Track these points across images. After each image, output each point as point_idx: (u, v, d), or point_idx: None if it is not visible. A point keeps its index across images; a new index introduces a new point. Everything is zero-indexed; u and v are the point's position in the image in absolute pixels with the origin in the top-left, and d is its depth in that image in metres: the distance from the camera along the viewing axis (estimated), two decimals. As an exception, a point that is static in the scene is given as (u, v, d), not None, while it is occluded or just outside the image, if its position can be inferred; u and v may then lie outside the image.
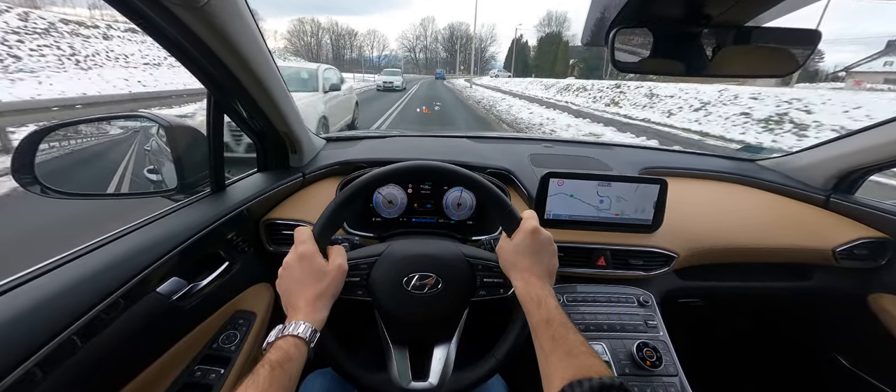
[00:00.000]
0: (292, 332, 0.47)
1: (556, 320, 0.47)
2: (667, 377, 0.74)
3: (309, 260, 0.53)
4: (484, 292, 0.61)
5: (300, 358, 0.46)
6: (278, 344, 0.46)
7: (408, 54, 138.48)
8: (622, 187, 0.86)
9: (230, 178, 0.85)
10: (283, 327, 0.48)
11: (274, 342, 0.46)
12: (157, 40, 0.53)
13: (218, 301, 0.74)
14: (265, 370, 0.42)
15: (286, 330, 0.47)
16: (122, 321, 0.53)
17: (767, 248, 0.92)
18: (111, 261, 0.55)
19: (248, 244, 0.80)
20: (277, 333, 0.47)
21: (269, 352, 0.45)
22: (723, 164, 1.23)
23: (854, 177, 1.01)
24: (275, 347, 0.45)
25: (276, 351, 0.45)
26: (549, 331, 0.46)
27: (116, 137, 1.08)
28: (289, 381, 0.43)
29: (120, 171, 0.99)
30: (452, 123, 10.03)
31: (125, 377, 0.55)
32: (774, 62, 0.66)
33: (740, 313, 1.22)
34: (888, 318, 0.91)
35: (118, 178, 0.99)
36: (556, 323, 0.47)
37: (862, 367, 1.03)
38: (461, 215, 0.99)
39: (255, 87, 0.68)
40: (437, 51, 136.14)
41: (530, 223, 0.57)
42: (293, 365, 0.45)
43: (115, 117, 1.01)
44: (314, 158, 1.02)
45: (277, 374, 0.42)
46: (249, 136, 0.86)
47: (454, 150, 1.13)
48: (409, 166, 0.62)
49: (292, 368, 0.44)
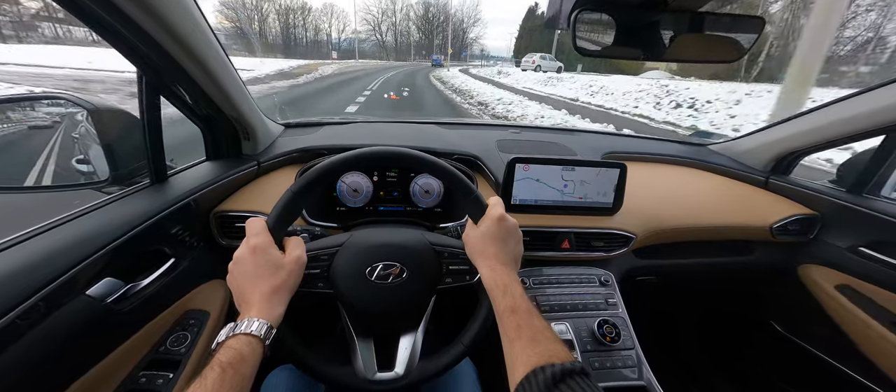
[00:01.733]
0: (245, 331, 0.44)
1: (521, 308, 0.47)
2: (625, 351, 0.78)
3: (263, 252, 0.50)
4: (450, 280, 0.60)
5: (254, 357, 0.43)
6: (229, 343, 0.42)
7: (373, 36, 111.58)
8: (585, 172, 0.88)
9: (174, 168, 0.78)
10: (234, 325, 0.45)
11: (224, 342, 0.43)
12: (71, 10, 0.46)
13: (164, 301, 0.68)
14: (214, 373, 0.39)
15: (238, 328, 0.44)
16: (45, 328, 0.47)
17: (714, 226, 0.98)
18: (29, 261, 0.48)
19: (196, 239, 0.74)
20: (228, 332, 0.44)
21: (218, 352, 0.41)
22: (677, 149, 1.30)
23: (789, 159, 1.10)
24: (225, 347, 0.42)
25: (227, 351, 0.41)
26: (515, 318, 0.46)
27: (38, 122, 0.95)
28: (242, 382, 0.40)
29: (41, 162, 0.88)
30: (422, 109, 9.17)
31: (53, 389, 0.49)
32: (724, 48, 0.69)
33: (690, 288, 1.31)
34: (814, 287, 1.02)
35: (38, 169, 0.88)
36: (521, 310, 0.47)
37: (793, 331, 1.14)
38: (429, 203, 0.97)
39: (193, 67, 0.61)
40: (410, 32, 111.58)
41: (496, 210, 0.57)
42: (246, 365, 0.42)
43: (30, 98, 0.88)
44: (271, 146, 0.96)
45: (229, 376, 0.39)
46: (194, 122, 0.79)
47: (420, 136, 1.11)
48: (372, 152, 0.59)
49: (246, 369, 0.41)
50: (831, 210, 0.99)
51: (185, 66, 0.59)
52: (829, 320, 0.99)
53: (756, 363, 1.28)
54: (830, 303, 0.98)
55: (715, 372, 1.34)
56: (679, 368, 1.38)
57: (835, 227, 0.99)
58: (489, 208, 0.58)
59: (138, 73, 0.59)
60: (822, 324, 1.00)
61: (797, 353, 1.11)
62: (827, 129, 0.95)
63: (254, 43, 77.03)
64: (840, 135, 0.93)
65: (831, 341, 1.00)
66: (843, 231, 0.97)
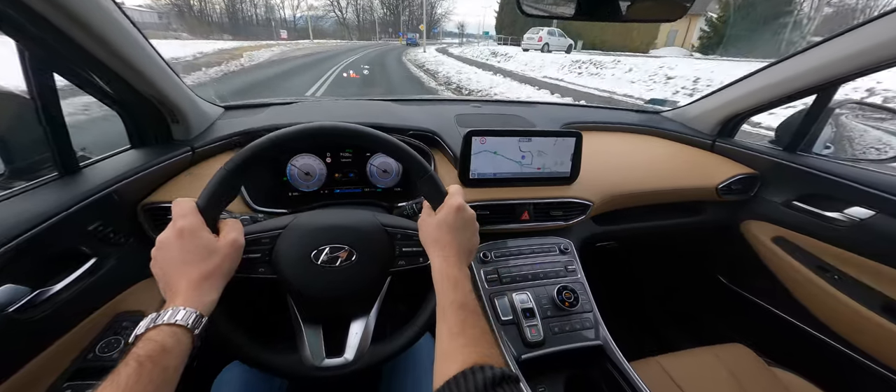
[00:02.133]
0: (168, 321, 0.40)
1: (469, 305, 0.46)
2: (583, 314, 0.81)
3: (191, 235, 0.46)
4: (403, 262, 0.58)
5: (180, 349, 0.39)
6: (149, 335, 0.38)
7: (331, 11, 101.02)
8: (542, 142, 0.87)
9: (89, 158, 0.69)
10: (156, 316, 0.40)
11: (144, 334, 0.39)
12: None
13: (89, 305, 0.61)
14: (129, 368, 0.35)
15: (160, 318, 0.40)
16: None
17: (666, 189, 1.02)
18: None
19: (123, 235, 0.67)
20: (149, 323, 0.40)
21: (136, 345, 0.37)
22: (632, 117, 1.33)
23: (733, 122, 1.16)
24: (144, 339, 0.38)
25: (146, 343, 0.37)
26: (462, 313, 0.45)
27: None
28: (165, 374, 0.37)
29: None
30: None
31: None
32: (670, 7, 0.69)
33: (646, 250, 1.38)
34: (754, 241, 1.09)
35: None
36: (469, 307, 0.46)
37: (737, 283, 1.24)
38: (388, 183, 0.94)
39: (87, 39, 0.52)
40: (373, 7, 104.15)
41: (456, 200, 0.55)
42: (171, 357, 0.38)
43: None
44: (208, 130, 0.88)
45: (147, 370, 0.35)
46: (109, 106, 0.70)
47: (375, 112, 1.06)
48: (318, 128, 0.54)
49: (170, 361, 0.38)
50: (769, 168, 1.05)
51: (76, 38, 0.51)
52: (766, 271, 1.07)
53: (707, 315, 1.38)
54: (767, 254, 1.06)
55: (670, 326, 1.44)
56: (637, 325, 1.46)
57: (772, 184, 1.05)
58: (449, 196, 0.56)
59: (19, 48, 0.50)
60: (762, 274, 1.09)
61: (742, 303, 1.20)
62: (763, 92, 1.00)
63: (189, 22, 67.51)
64: (775, 96, 0.98)
65: (770, 290, 1.09)
66: (779, 187, 1.04)
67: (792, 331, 1.05)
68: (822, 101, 0.92)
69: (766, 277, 1.08)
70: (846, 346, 0.93)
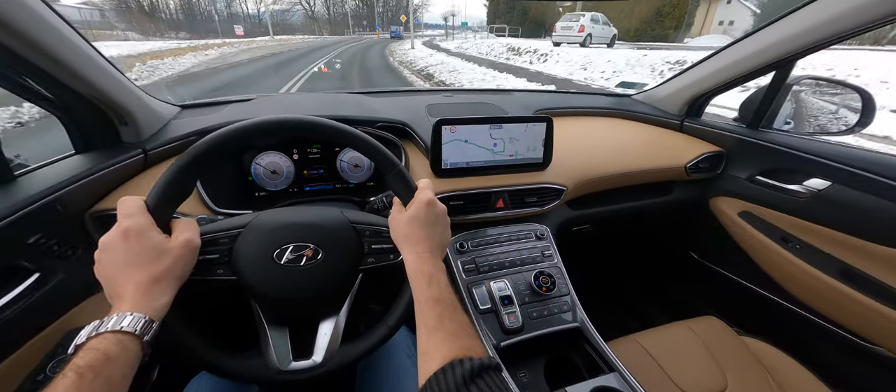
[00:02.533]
0: (112, 328, 0.37)
1: (445, 299, 0.46)
2: (561, 297, 0.81)
3: (138, 236, 0.42)
4: (372, 260, 0.56)
5: (127, 356, 0.37)
6: (91, 345, 0.35)
7: (297, 5, 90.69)
8: (513, 128, 0.87)
9: (26, 166, 0.64)
10: (99, 323, 0.37)
11: (85, 343, 0.36)
12: None
13: (35, 323, 0.57)
14: (67, 380, 0.32)
15: (104, 326, 0.37)
16: None
17: (637, 171, 1.04)
18: None
19: (70, 247, 0.62)
20: (91, 331, 0.37)
21: (76, 356, 0.35)
22: (603, 101, 1.34)
23: (700, 102, 1.18)
24: (86, 350, 0.35)
25: (88, 353, 0.35)
26: (438, 308, 0.45)
27: None
28: (109, 385, 0.34)
29: None
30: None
31: None
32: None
33: (621, 231, 1.41)
34: (722, 216, 1.13)
35: None
36: (445, 302, 0.45)
37: (707, 257, 1.28)
38: (360, 177, 0.91)
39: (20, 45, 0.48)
40: (344, 1, 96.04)
41: (426, 194, 0.54)
42: (114, 366, 0.35)
43: None
44: (162, 130, 0.83)
45: (89, 381, 0.32)
46: (44, 108, 0.64)
47: (344, 105, 1.02)
48: (280, 121, 0.51)
49: (113, 370, 0.35)
50: (734, 145, 1.08)
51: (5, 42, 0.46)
52: (734, 244, 1.11)
53: (682, 291, 1.42)
54: (735, 229, 1.09)
55: (647, 304, 1.48)
56: (615, 305, 1.50)
57: (737, 161, 1.09)
58: (419, 191, 0.55)
59: None
60: (730, 248, 1.12)
61: (713, 277, 1.25)
62: (726, 71, 1.03)
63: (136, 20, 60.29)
64: (736, 74, 1.00)
65: (738, 263, 1.13)
66: (743, 163, 1.07)
67: (760, 301, 1.10)
68: (780, 78, 0.95)
69: (735, 251, 1.11)
70: (809, 311, 0.98)
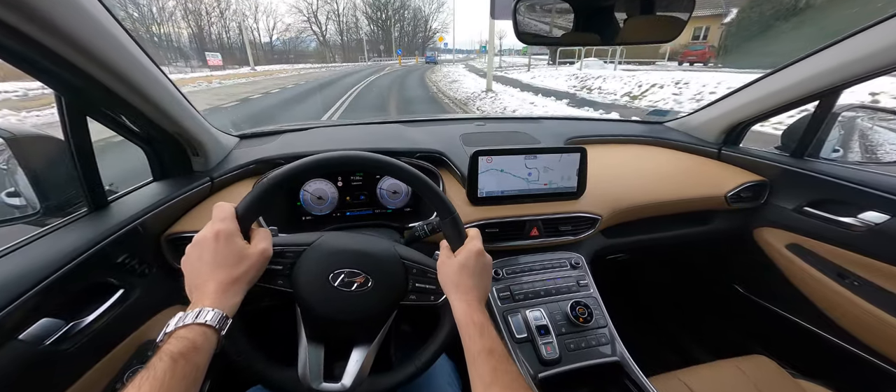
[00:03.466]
0: (199, 321, 0.41)
1: (498, 351, 0.46)
2: (598, 329, 0.80)
3: (226, 239, 0.47)
4: (414, 297, 0.58)
5: (209, 347, 0.41)
6: (180, 334, 0.40)
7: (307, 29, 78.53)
8: (547, 158, 0.89)
9: (115, 192, 0.72)
10: (184, 315, 0.42)
11: (174, 331, 0.40)
12: None
13: (117, 335, 0.63)
14: (163, 363, 0.36)
15: (189, 317, 0.41)
16: None
17: (674, 200, 1.03)
18: None
19: (148, 266, 0.70)
20: (178, 322, 0.41)
21: (167, 342, 0.39)
22: (635, 128, 1.34)
23: (739, 129, 1.16)
24: (175, 337, 0.39)
25: (178, 341, 0.39)
26: (492, 361, 0.45)
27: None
28: (195, 372, 0.38)
29: None
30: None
31: None
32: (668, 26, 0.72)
33: (658, 261, 1.37)
34: (769, 248, 1.08)
35: None
36: (498, 353, 0.46)
37: (754, 291, 1.21)
38: (397, 203, 0.96)
39: (116, 84, 0.56)
40: (358, 23, 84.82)
41: (476, 244, 0.56)
42: (201, 355, 0.39)
43: None
44: (225, 159, 0.91)
45: (180, 366, 0.37)
46: (134, 142, 0.74)
47: (382, 136, 1.09)
48: (363, 159, 0.57)
49: (200, 358, 0.39)
50: (778, 175, 1.05)
51: (107, 84, 0.55)
52: (783, 278, 1.05)
53: (725, 325, 1.35)
54: (782, 261, 1.04)
55: (688, 338, 1.40)
56: (654, 339, 1.43)
57: (782, 191, 1.05)
58: (469, 240, 0.58)
59: (56, 94, 0.54)
60: (779, 282, 1.07)
61: (760, 312, 1.18)
62: (766, 100, 1.01)
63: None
64: (778, 103, 0.98)
65: (788, 298, 1.06)
66: (789, 193, 1.03)
67: (815, 340, 1.02)
68: (825, 107, 0.93)
69: (784, 285, 1.06)
70: (873, 354, 0.90)
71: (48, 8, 0.43)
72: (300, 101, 10.90)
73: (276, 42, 77.21)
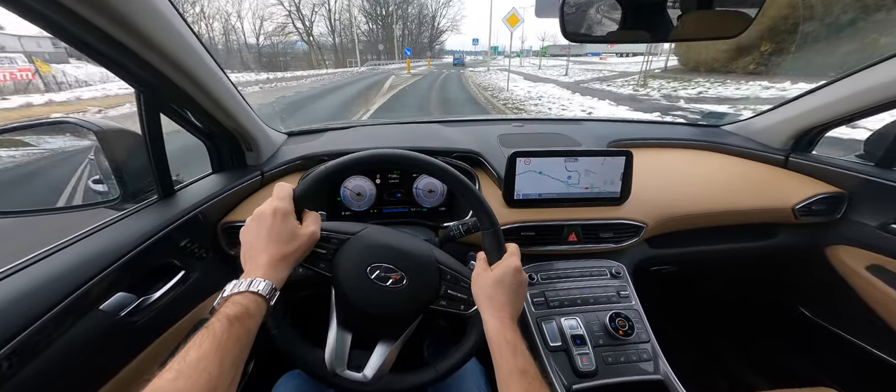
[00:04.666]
0: (252, 289, 0.44)
1: (531, 372, 0.45)
2: (640, 344, 0.75)
3: (283, 217, 0.51)
4: (444, 303, 0.59)
5: (259, 314, 0.44)
6: (235, 299, 0.43)
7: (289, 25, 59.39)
8: (589, 161, 0.86)
9: (181, 182, 0.80)
10: (238, 283, 0.45)
11: (230, 296, 0.43)
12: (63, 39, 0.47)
13: (177, 312, 0.70)
14: (222, 324, 0.39)
15: (243, 285, 0.44)
16: (61, 345, 0.49)
17: (732, 210, 0.94)
18: (41, 281, 0.50)
19: (205, 250, 0.76)
20: (234, 288, 0.44)
21: (223, 306, 0.42)
22: (688, 132, 1.25)
23: (811, 135, 1.04)
24: (231, 302, 0.42)
25: (233, 305, 0.42)
26: (524, 382, 0.44)
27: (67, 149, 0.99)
28: (247, 336, 0.41)
29: (72, 184, 0.92)
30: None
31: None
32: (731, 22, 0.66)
33: (709, 276, 1.26)
34: (844, 269, 0.96)
35: (69, 191, 0.92)
36: (530, 375, 0.45)
37: (823, 316, 1.08)
38: (433, 203, 0.97)
39: (187, 84, 0.62)
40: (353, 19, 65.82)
41: (514, 261, 0.56)
42: (252, 321, 0.42)
43: (40, 124, 0.93)
44: (274, 155, 0.97)
45: (235, 328, 0.39)
46: (197, 137, 0.81)
47: (421, 136, 1.10)
48: (415, 159, 0.59)
49: (251, 324, 0.42)
50: (859, 186, 0.93)
51: (179, 83, 0.61)
52: (861, 303, 0.93)
53: (786, 351, 1.22)
54: (862, 285, 0.92)
55: (742, 362, 1.28)
56: (701, 360, 1.33)
57: (864, 205, 0.93)
58: (507, 255, 0.57)
59: (136, 92, 0.61)
60: (854, 307, 0.94)
61: (830, 339, 1.05)
62: (847, 102, 0.90)
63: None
64: (863, 106, 0.87)
65: (865, 325, 0.94)
66: (873, 208, 0.91)
67: (893, 372, 0.90)
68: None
69: (862, 311, 0.93)
70: None
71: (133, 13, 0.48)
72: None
73: (265, 46, 60.64)
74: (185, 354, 0.36)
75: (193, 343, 0.37)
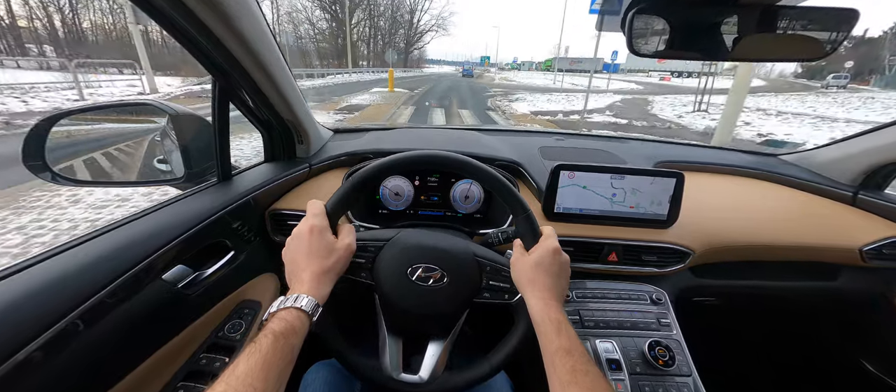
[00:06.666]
0: (296, 305, 0.46)
1: (577, 350, 0.45)
2: (680, 377, 0.71)
3: (319, 233, 0.53)
4: (488, 295, 0.58)
5: (303, 331, 0.45)
6: (281, 315, 0.45)
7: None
8: (637, 180, 0.83)
9: (238, 168, 0.85)
10: (285, 299, 0.47)
11: (276, 312, 0.45)
12: (161, 24, 0.53)
13: (223, 290, 0.74)
14: (268, 339, 0.41)
15: (289, 302, 0.46)
16: (127, 307, 0.53)
17: (789, 245, 0.88)
18: (116, 247, 0.55)
19: (253, 234, 0.80)
20: (280, 304, 0.46)
21: (271, 322, 0.44)
22: (742, 159, 1.18)
23: (885, 173, 0.96)
24: (277, 318, 0.44)
25: (279, 322, 0.44)
26: (570, 360, 0.43)
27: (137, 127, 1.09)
28: (291, 352, 0.43)
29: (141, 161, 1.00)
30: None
31: (130, 363, 0.55)
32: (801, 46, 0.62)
33: (759, 314, 1.17)
34: None
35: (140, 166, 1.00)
36: (577, 353, 0.44)
37: (889, 372, 0.98)
38: (469, 208, 0.97)
39: (259, 74, 0.67)
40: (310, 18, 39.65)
41: (552, 242, 0.56)
42: (296, 337, 0.44)
43: (124, 105, 1.02)
44: (321, 149, 1.02)
45: (281, 345, 0.41)
46: (256, 126, 0.86)
47: (462, 141, 1.11)
48: (432, 155, 0.60)
49: (295, 340, 0.44)
50: None
51: (251, 72, 0.65)
52: None
53: None
54: None
55: None
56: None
57: None
58: (544, 238, 0.57)
59: (213, 81, 0.66)
60: None
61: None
62: None
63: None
64: None
65: None
66: None
67: None
68: None
69: None
70: None
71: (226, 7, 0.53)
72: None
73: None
74: (234, 368, 0.38)
75: (242, 357, 0.39)
